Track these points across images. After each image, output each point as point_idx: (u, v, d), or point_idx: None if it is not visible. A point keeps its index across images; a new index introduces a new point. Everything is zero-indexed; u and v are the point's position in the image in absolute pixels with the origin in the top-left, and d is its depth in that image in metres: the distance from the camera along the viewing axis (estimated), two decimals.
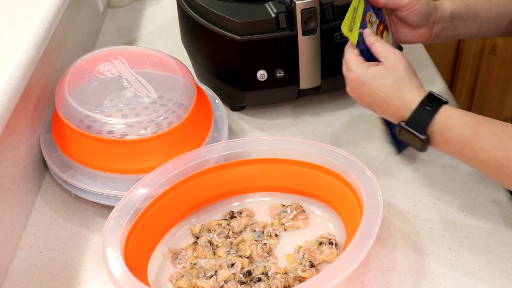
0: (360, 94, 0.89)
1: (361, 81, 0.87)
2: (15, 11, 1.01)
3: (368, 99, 0.88)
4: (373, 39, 0.90)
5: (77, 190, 0.95)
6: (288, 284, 0.82)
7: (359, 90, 0.88)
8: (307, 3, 1.00)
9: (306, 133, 1.10)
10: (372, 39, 0.90)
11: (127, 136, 0.92)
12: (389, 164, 1.02)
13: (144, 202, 0.87)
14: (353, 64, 0.89)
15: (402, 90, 0.85)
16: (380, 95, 0.86)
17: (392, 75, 0.85)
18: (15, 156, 0.92)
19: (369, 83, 0.86)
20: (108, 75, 0.99)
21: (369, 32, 0.91)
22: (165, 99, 0.96)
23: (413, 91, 0.85)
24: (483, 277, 0.83)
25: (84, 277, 0.87)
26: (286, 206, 0.93)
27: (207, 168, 0.93)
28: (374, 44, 0.89)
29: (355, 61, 0.89)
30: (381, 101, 0.86)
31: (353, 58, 0.89)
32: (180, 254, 0.88)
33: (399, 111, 0.85)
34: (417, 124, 0.84)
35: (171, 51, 1.12)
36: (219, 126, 1.04)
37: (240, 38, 1.02)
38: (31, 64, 0.91)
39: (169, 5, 1.50)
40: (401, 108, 0.85)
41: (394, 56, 0.87)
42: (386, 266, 0.85)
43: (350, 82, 0.90)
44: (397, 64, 0.86)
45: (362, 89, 0.88)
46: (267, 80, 1.06)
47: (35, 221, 0.96)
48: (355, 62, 0.89)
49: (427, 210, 0.93)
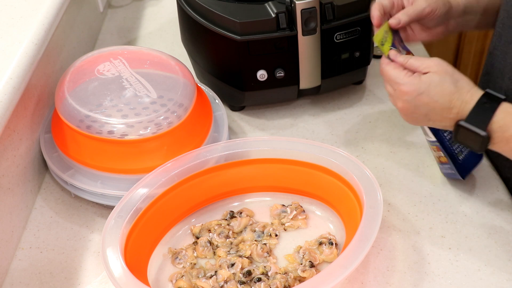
0: (417, 106, 0.84)
1: (418, 91, 0.83)
2: (15, 11, 1.01)
3: (425, 109, 0.84)
4: (403, 59, 0.87)
5: (77, 190, 0.95)
6: (288, 284, 0.82)
7: (416, 102, 0.84)
8: (307, 3, 1.00)
9: (306, 133, 1.10)
10: (402, 59, 0.87)
11: (127, 136, 0.92)
12: (389, 164, 1.02)
13: (144, 202, 0.87)
14: (404, 78, 0.85)
15: (460, 91, 0.82)
16: (440, 101, 0.82)
17: (447, 78, 0.83)
18: (15, 156, 0.92)
19: (427, 92, 0.83)
20: (108, 75, 0.99)
21: (394, 53, 0.88)
22: (165, 99, 0.96)
23: (470, 91, 0.82)
24: (483, 277, 0.83)
25: (84, 277, 0.87)
26: (286, 206, 0.93)
27: (207, 168, 0.93)
28: (408, 61, 0.86)
29: (404, 75, 0.85)
30: (441, 107, 0.83)
31: (401, 72, 0.86)
32: (180, 254, 0.88)
33: (459, 113, 0.82)
34: (477, 120, 0.80)
35: (171, 51, 1.12)
36: (219, 126, 1.04)
37: (240, 38, 1.02)
38: (31, 64, 0.91)
39: (169, 5, 1.50)
40: (461, 109, 0.82)
41: (437, 62, 0.84)
42: (386, 266, 0.85)
43: (404, 96, 0.85)
44: (445, 68, 0.83)
45: (419, 100, 0.83)
46: (267, 80, 1.06)
47: (35, 221, 0.96)
48: (405, 76, 0.85)
49: (427, 210, 0.93)
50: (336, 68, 1.09)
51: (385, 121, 1.11)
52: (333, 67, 1.09)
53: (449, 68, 0.84)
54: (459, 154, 0.92)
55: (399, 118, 1.11)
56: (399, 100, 0.86)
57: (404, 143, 1.06)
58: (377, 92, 1.18)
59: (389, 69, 0.87)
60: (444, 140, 0.92)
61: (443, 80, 0.82)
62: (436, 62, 0.84)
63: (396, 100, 0.87)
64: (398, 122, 1.10)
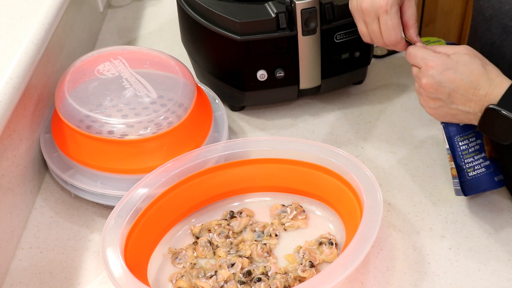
0: (442, 83, 0.80)
1: (444, 67, 0.80)
2: (15, 11, 1.01)
3: (450, 86, 0.80)
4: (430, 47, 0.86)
5: (77, 190, 0.95)
6: (288, 284, 0.82)
7: (441, 78, 0.80)
8: (307, 3, 1.00)
9: (306, 133, 1.10)
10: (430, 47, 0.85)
11: (127, 136, 0.92)
12: (389, 164, 1.02)
13: (144, 202, 0.87)
14: (432, 54, 0.83)
15: (489, 73, 0.79)
16: (465, 80, 0.79)
17: (476, 60, 0.80)
18: (15, 156, 0.92)
19: (454, 68, 0.80)
20: (108, 75, 0.99)
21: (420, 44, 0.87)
22: (165, 99, 0.96)
23: (499, 76, 0.79)
24: (483, 277, 0.83)
25: (84, 277, 0.87)
26: (286, 206, 0.94)
27: (207, 168, 0.93)
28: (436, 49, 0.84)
29: (433, 52, 0.83)
30: (466, 86, 0.79)
31: (430, 51, 0.84)
32: (180, 254, 0.88)
33: (487, 96, 0.79)
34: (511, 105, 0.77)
35: (171, 51, 1.12)
36: (219, 126, 1.04)
37: (240, 38, 1.02)
38: (31, 64, 0.91)
39: (169, 5, 1.50)
40: (490, 92, 0.78)
41: (467, 47, 0.82)
42: (386, 266, 0.85)
43: (430, 70, 0.81)
44: (475, 52, 0.82)
45: (444, 75, 0.80)
46: (267, 80, 1.06)
47: (35, 221, 0.96)
48: (433, 53, 0.83)
49: (427, 210, 0.93)
50: (336, 68, 1.09)
51: (385, 121, 1.11)
52: (333, 67, 1.09)
53: (478, 54, 0.81)
54: (470, 170, 0.87)
55: (399, 118, 1.11)
56: (423, 76, 0.82)
57: (404, 143, 1.06)
58: (377, 92, 1.18)
59: (417, 49, 0.85)
60: (456, 149, 0.87)
61: (472, 61, 0.80)
62: (465, 47, 0.82)
63: (420, 77, 0.83)
64: (398, 122, 1.10)
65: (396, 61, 1.26)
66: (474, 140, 0.87)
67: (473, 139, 0.87)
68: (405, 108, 1.14)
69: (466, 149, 0.87)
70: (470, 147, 0.87)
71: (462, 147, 0.87)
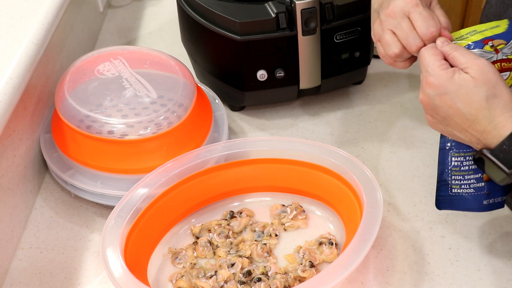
0: (437, 106, 0.74)
1: (443, 90, 0.73)
2: (15, 11, 1.01)
3: (446, 111, 0.74)
4: (449, 48, 0.76)
5: (77, 190, 0.95)
6: (288, 284, 0.82)
7: (437, 101, 0.74)
8: (307, 3, 1.00)
9: (306, 133, 1.10)
10: (448, 48, 0.76)
11: (127, 136, 0.92)
12: (389, 164, 1.02)
13: (144, 202, 0.87)
14: (435, 69, 0.74)
15: (492, 111, 0.71)
16: (463, 111, 0.72)
17: (482, 90, 0.71)
18: (15, 156, 0.92)
19: (452, 95, 0.72)
20: (108, 75, 0.99)
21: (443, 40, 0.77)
22: (165, 99, 0.96)
23: (504, 114, 0.71)
24: (483, 277, 0.83)
25: (84, 277, 0.87)
26: (286, 206, 0.93)
27: (207, 168, 0.93)
28: (453, 53, 0.75)
29: (438, 66, 0.74)
30: (462, 117, 0.73)
31: (436, 61, 0.75)
32: (180, 254, 0.88)
33: (484, 134, 0.72)
34: (507, 156, 0.70)
35: (171, 51, 1.12)
36: (219, 126, 1.04)
37: (240, 38, 1.02)
38: (31, 64, 0.91)
39: (169, 5, 1.50)
40: (488, 131, 0.72)
41: (483, 65, 0.72)
42: (386, 266, 0.85)
43: (427, 88, 0.75)
44: (488, 77, 0.72)
45: (441, 99, 0.74)
46: (267, 80, 1.06)
47: (35, 221, 0.96)
48: (438, 67, 0.74)
49: (427, 210, 0.93)
50: (336, 68, 1.09)
51: (385, 121, 1.11)
52: (333, 67, 1.09)
53: (494, 78, 0.72)
54: (456, 187, 0.81)
55: (399, 118, 1.11)
56: (421, 90, 0.76)
57: (404, 143, 1.06)
58: (377, 92, 1.18)
59: (425, 54, 0.76)
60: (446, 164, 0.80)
61: (476, 90, 0.72)
62: (481, 67, 0.72)
63: (420, 88, 0.77)
64: (398, 122, 1.10)
65: None
66: (471, 159, 0.80)
67: (470, 157, 0.80)
68: (405, 108, 1.14)
69: (458, 166, 0.80)
70: (464, 165, 0.80)
71: (454, 163, 0.80)
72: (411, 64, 0.83)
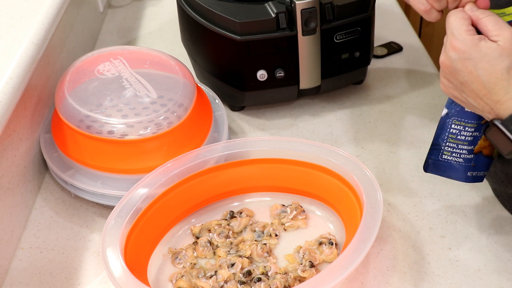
0: (457, 70, 0.74)
1: (466, 55, 0.73)
2: (15, 11, 1.01)
3: (464, 77, 0.74)
4: (479, 13, 0.74)
5: (77, 190, 0.95)
6: (288, 284, 0.82)
7: (458, 65, 0.73)
8: (307, 3, 1.00)
9: (306, 133, 1.10)
10: (478, 13, 0.74)
11: (127, 136, 0.92)
12: (389, 164, 1.02)
13: (144, 202, 0.87)
14: (462, 34, 0.73)
15: (511, 81, 0.71)
16: (482, 78, 0.72)
17: (506, 61, 0.71)
18: (15, 156, 0.92)
19: (475, 61, 0.72)
20: (108, 75, 0.99)
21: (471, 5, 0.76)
22: (165, 99, 0.96)
23: None
24: (483, 277, 0.83)
25: (84, 277, 0.87)
26: (286, 206, 0.94)
27: (207, 168, 0.93)
28: (482, 19, 0.74)
29: (465, 30, 0.73)
30: (481, 85, 0.72)
31: (464, 26, 0.74)
32: (180, 254, 0.88)
33: (498, 104, 0.72)
34: None
35: (171, 51, 1.12)
36: (219, 126, 1.04)
37: (240, 38, 1.02)
38: (31, 64, 0.91)
39: (169, 5, 1.50)
40: (503, 102, 0.72)
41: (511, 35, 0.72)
42: (386, 266, 0.85)
43: (450, 51, 0.74)
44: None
45: (463, 64, 0.73)
46: (267, 80, 1.06)
47: (35, 221, 0.96)
48: (464, 32, 0.73)
49: (427, 210, 0.93)
50: (336, 68, 1.09)
51: (385, 121, 1.11)
52: (333, 67, 1.09)
53: None
54: (447, 153, 0.83)
55: (399, 118, 1.11)
56: (444, 52, 0.75)
57: (404, 143, 1.06)
58: (377, 92, 1.18)
59: (453, 17, 0.75)
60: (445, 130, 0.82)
61: (500, 59, 0.71)
62: (510, 36, 0.72)
63: (442, 50, 0.76)
64: (398, 122, 1.10)
65: (396, 61, 1.26)
66: (471, 131, 0.81)
67: (471, 129, 0.81)
68: (405, 108, 1.14)
69: (455, 134, 0.82)
70: (461, 135, 0.82)
71: (452, 130, 0.82)
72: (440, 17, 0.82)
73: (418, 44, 1.31)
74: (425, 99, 1.15)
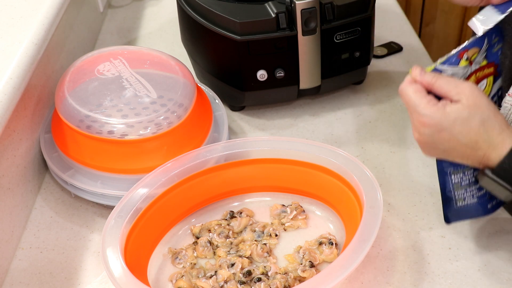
0: (435, 142, 0.74)
1: (439, 127, 0.73)
2: (15, 11, 1.01)
3: (445, 145, 0.74)
4: (430, 78, 0.74)
5: (77, 190, 0.95)
6: (288, 284, 0.82)
7: (435, 138, 0.74)
8: (307, 3, 1.00)
9: (306, 133, 1.10)
10: (429, 78, 0.74)
11: (127, 136, 0.92)
12: (389, 164, 1.02)
13: (144, 202, 0.87)
14: (425, 108, 0.73)
15: (489, 132, 0.72)
16: (463, 141, 0.73)
17: (477, 116, 0.72)
18: (15, 156, 0.92)
19: (449, 129, 0.72)
20: (108, 75, 0.99)
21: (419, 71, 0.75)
22: (165, 99, 0.96)
23: (501, 134, 0.72)
24: (483, 277, 0.83)
25: (84, 277, 0.87)
26: (286, 206, 0.94)
27: (207, 168, 0.93)
28: (437, 82, 0.74)
29: (426, 104, 0.73)
30: (463, 147, 0.73)
31: (423, 100, 0.73)
32: (180, 254, 0.88)
33: (485, 157, 0.73)
34: (507, 174, 0.72)
35: (171, 51, 1.12)
36: (219, 126, 1.04)
37: (240, 38, 1.02)
38: (31, 64, 0.91)
39: (169, 5, 1.50)
40: (488, 153, 0.73)
41: (471, 90, 0.72)
42: (386, 266, 0.85)
43: (421, 128, 0.74)
44: (478, 101, 0.72)
45: (439, 136, 0.73)
46: (267, 80, 1.06)
47: (35, 221, 0.96)
48: (426, 105, 0.73)
49: (427, 210, 0.93)
50: (336, 68, 1.09)
51: (385, 121, 1.11)
52: (333, 67, 1.09)
53: (483, 101, 0.73)
54: (460, 200, 0.82)
55: (399, 118, 1.11)
56: (416, 130, 0.75)
57: (404, 143, 1.06)
58: (377, 92, 1.18)
59: (408, 92, 0.75)
60: (448, 183, 0.81)
61: (471, 117, 0.72)
62: (470, 91, 0.72)
63: (413, 129, 0.76)
64: (398, 122, 1.10)
65: (396, 61, 1.26)
66: (471, 173, 0.81)
67: (471, 171, 0.81)
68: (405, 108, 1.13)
69: (459, 182, 0.81)
70: (464, 180, 0.81)
71: (454, 180, 0.81)
72: None
73: (418, 44, 1.31)
74: None
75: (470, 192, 0.82)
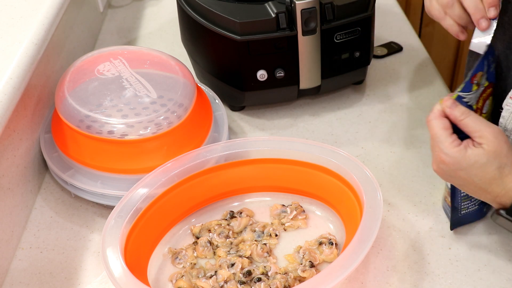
0: (452, 177, 0.78)
1: (457, 167, 0.76)
2: (15, 11, 1.01)
3: (461, 182, 0.78)
4: (459, 114, 0.77)
5: (77, 190, 0.95)
6: (288, 284, 0.82)
7: (452, 174, 0.78)
8: (307, 3, 1.00)
9: (306, 133, 1.10)
10: (458, 114, 0.77)
11: (127, 136, 0.92)
12: (389, 164, 1.02)
13: (144, 202, 0.87)
14: (447, 148, 0.76)
15: (504, 178, 0.75)
16: (478, 182, 0.76)
17: (495, 163, 0.75)
18: (15, 156, 0.92)
19: (467, 170, 0.76)
20: (108, 75, 0.99)
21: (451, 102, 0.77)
22: (165, 99, 0.96)
23: None
24: (483, 277, 0.83)
25: (84, 277, 0.87)
26: (286, 206, 0.94)
27: (207, 168, 0.93)
28: (464, 120, 0.76)
29: (450, 143, 0.76)
30: (477, 187, 0.77)
31: (448, 138, 0.76)
32: (180, 254, 0.88)
33: (498, 198, 0.77)
34: None
35: (171, 51, 1.12)
36: (219, 126, 1.04)
37: (240, 38, 1.02)
38: (31, 64, 0.91)
39: (169, 5, 1.50)
40: (502, 195, 0.76)
41: (493, 136, 0.75)
42: (386, 266, 0.85)
43: (440, 164, 0.78)
44: (499, 149, 0.75)
45: (455, 173, 0.77)
46: (267, 80, 1.06)
47: (35, 221, 0.96)
48: (450, 145, 0.76)
49: (427, 210, 0.93)
50: (336, 68, 1.09)
51: (385, 121, 1.11)
52: (333, 67, 1.09)
53: (505, 147, 0.75)
54: (464, 209, 0.87)
55: (399, 118, 1.11)
56: (435, 163, 0.79)
57: (404, 143, 1.06)
58: (377, 92, 1.18)
59: (435, 125, 0.78)
60: (457, 194, 0.85)
61: (489, 164, 0.75)
62: (493, 136, 0.75)
63: (433, 161, 0.79)
64: (398, 122, 1.10)
65: (396, 61, 1.26)
66: None
67: None
68: (405, 108, 1.14)
69: (467, 195, 0.85)
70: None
71: (463, 193, 0.85)
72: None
73: (418, 44, 1.31)
74: (425, 99, 1.15)
75: (473, 202, 0.87)
